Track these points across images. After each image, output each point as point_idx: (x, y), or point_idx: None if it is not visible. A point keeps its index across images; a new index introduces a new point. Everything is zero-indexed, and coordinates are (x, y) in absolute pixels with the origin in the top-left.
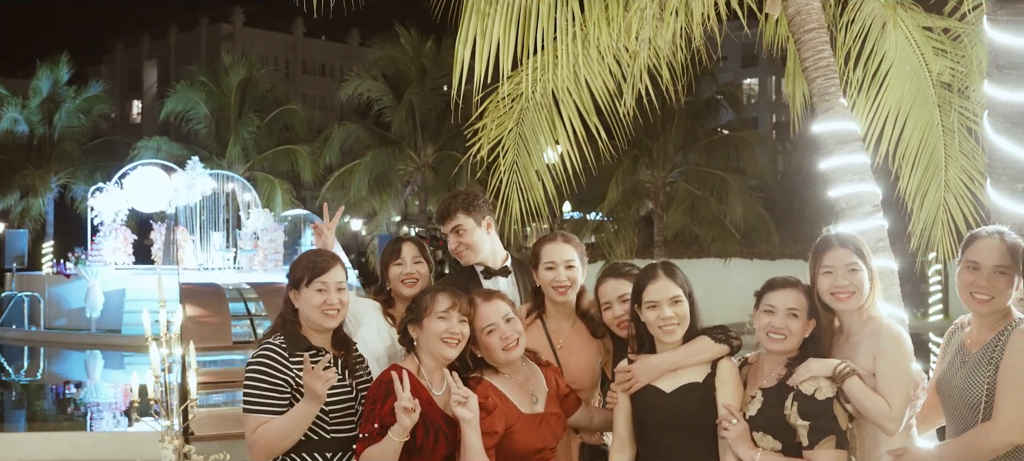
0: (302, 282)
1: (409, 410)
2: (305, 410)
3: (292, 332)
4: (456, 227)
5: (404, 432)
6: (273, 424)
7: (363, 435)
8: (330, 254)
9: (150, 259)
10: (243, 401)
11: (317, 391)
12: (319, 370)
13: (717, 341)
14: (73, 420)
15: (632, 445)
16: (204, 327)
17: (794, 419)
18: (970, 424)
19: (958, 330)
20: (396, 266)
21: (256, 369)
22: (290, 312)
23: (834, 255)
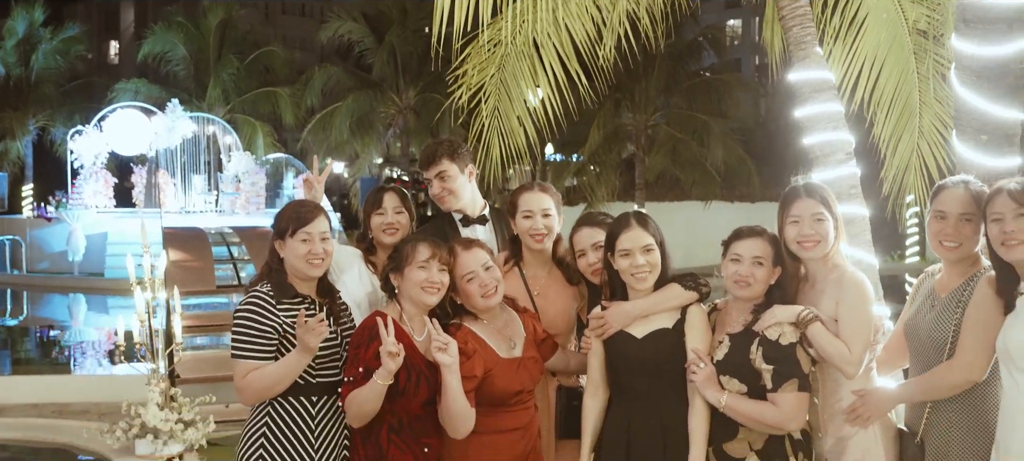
0: (287, 232)
1: (394, 354)
2: (296, 360)
3: (278, 280)
4: (440, 173)
5: (388, 375)
6: (263, 371)
7: (348, 379)
8: (314, 204)
9: (131, 202)
10: (232, 347)
11: (309, 344)
12: (313, 323)
13: (686, 288)
14: (57, 364)
15: (605, 388)
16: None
17: (759, 363)
18: (934, 364)
19: (928, 277)
20: (377, 216)
21: (244, 316)
22: (276, 261)
23: (801, 205)
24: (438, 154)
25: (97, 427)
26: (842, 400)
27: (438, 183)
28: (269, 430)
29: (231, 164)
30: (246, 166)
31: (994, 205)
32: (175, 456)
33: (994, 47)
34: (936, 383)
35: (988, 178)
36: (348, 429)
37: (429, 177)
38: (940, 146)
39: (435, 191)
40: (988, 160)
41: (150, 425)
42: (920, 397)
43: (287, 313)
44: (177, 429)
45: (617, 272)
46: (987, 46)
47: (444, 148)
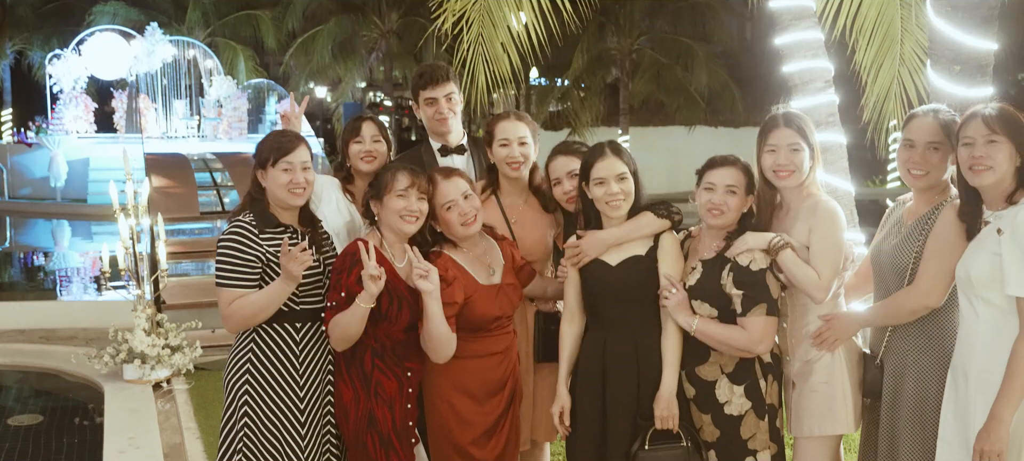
0: (268, 162)
1: (375, 278)
2: (281, 288)
3: (260, 210)
4: (449, 94)
5: (371, 299)
6: (248, 299)
7: (330, 304)
8: (294, 134)
9: (112, 128)
10: (216, 276)
11: (293, 272)
12: (296, 252)
13: (660, 217)
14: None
15: (582, 314)
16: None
17: (729, 288)
18: (896, 290)
19: (899, 205)
20: (355, 144)
21: (228, 246)
22: (257, 190)
23: (779, 134)
24: (449, 75)
25: (85, 352)
26: (809, 324)
27: (446, 104)
28: (255, 356)
29: (212, 89)
30: (228, 91)
31: (966, 129)
32: (163, 380)
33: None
34: (895, 309)
35: (961, 108)
36: (333, 354)
37: (435, 97)
38: (920, 73)
39: (440, 112)
40: (961, 90)
41: (137, 350)
42: (881, 322)
43: (270, 242)
44: (164, 354)
45: (591, 201)
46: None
47: (450, 70)
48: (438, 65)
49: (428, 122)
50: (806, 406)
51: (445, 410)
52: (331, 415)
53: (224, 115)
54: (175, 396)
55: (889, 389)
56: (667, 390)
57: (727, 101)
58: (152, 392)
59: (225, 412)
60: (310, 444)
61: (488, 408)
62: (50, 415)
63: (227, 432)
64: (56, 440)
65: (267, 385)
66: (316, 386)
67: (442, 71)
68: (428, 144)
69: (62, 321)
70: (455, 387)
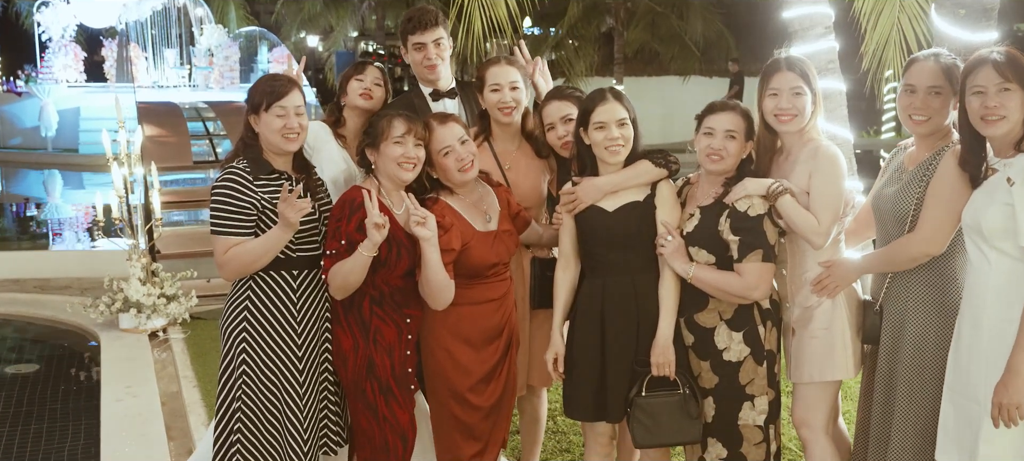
0: (261, 106)
1: (380, 226)
2: (278, 235)
3: (254, 156)
4: (438, 40)
5: (374, 247)
6: (245, 247)
7: (330, 252)
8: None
9: (103, 77)
10: (211, 223)
11: (291, 219)
12: (293, 199)
13: (657, 165)
14: (36, 239)
15: (577, 260)
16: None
17: (726, 234)
18: (897, 236)
19: (900, 151)
20: (357, 80)
21: (222, 192)
22: (250, 136)
23: (781, 78)
24: (438, 20)
25: (80, 301)
26: (808, 271)
27: (434, 50)
28: (251, 304)
29: (203, 38)
30: (219, 40)
31: (976, 77)
32: (158, 329)
33: None
34: (896, 255)
35: (965, 52)
36: (330, 302)
37: (423, 42)
38: (920, 20)
39: (424, 59)
40: (965, 34)
41: (133, 300)
42: (882, 268)
43: (264, 189)
44: (160, 303)
45: (588, 146)
46: None
47: (438, 14)
48: (426, 8)
49: (416, 67)
50: (806, 352)
51: (442, 357)
52: (329, 362)
53: (215, 64)
54: (171, 345)
55: (888, 335)
56: (663, 337)
57: (722, 51)
58: (148, 341)
59: (222, 361)
60: (308, 391)
61: (485, 355)
62: (46, 364)
63: (225, 381)
64: (52, 389)
65: (265, 333)
66: (314, 333)
67: (430, 15)
68: (419, 89)
69: (56, 271)
70: (452, 334)
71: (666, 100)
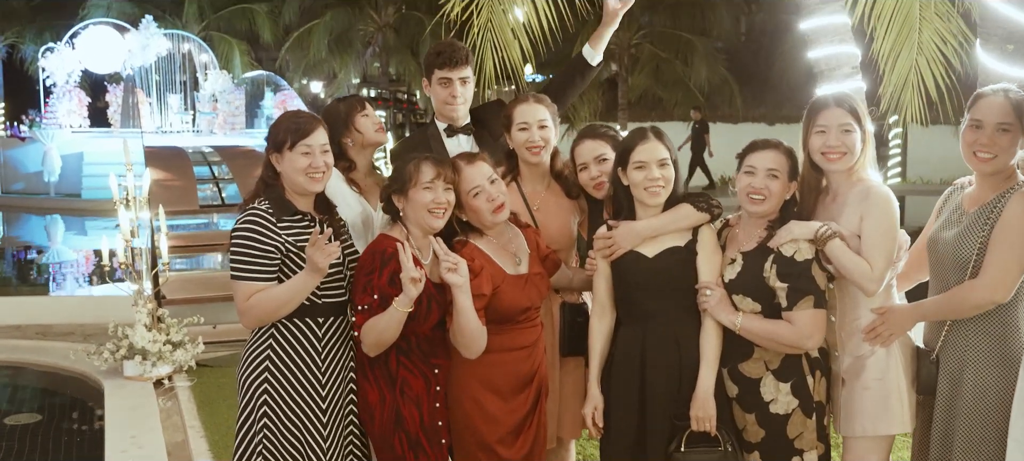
0: (285, 145)
1: (416, 280)
2: (305, 281)
3: (276, 196)
4: (465, 78)
5: (409, 302)
6: (269, 294)
7: (362, 307)
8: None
9: (106, 122)
10: (231, 268)
11: (320, 264)
12: (322, 243)
13: (699, 209)
14: (37, 285)
15: (613, 309)
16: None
17: (773, 281)
18: (956, 282)
19: (957, 190)
20: (364, 116)
21: (244, 235)
22: (271, 175)
23: (829, 114)
24: (467, 58)
25: (83, 348)
26: (860, 318)
27: (460, 87)
28: (273, 354)
29: (207, 83)
30: (223, 85)
31: None
32: (164, 377)
33: None
34: (958, 303)
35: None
36: (355, 352)
37: (450, 78)
38: (938, 62)
39: (453, 95)
40: (1014, 70)
41: (138, 346)
42: (940, 316)
43: (288, 231)
44: (165, 350)
45: (626, 187)
46: None
47: (468, 52)
48: (456, 45)
49: (437, 102)
50: (858, 404)
51: (470, 407)
52: (354, 414)
53: (219, 110)
54: (177, 393)
55: (945, 385)
56: (703, 389)
57: (726, 96)
58: (153, 389)
59: (240, 413)
60: (333, 446)
61: (515, 404)
62: (48, 413)
63: (244, 434)
64: (54, 439)
65: (288, 384)
66: (339, 385)
67: (461, 53)
68: (434, 126)
69: (59, 316)
70: (481, 383)
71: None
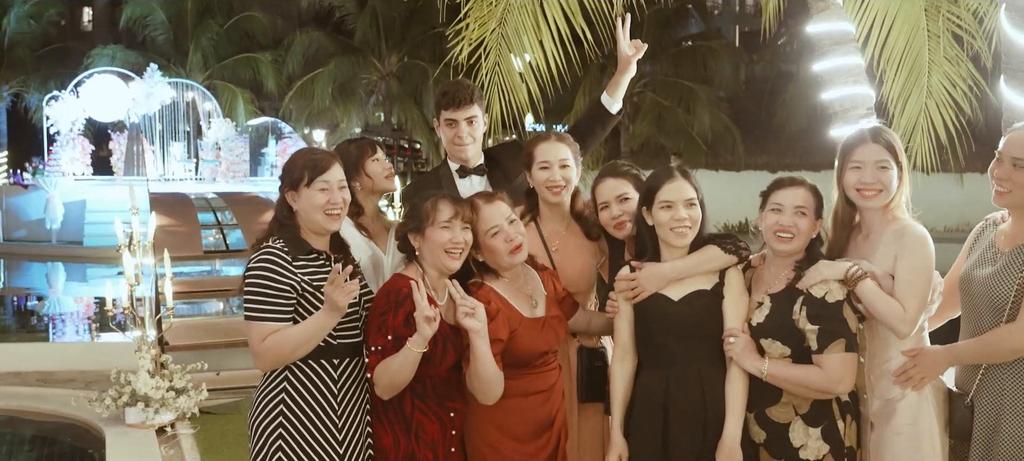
0: (302, 181)
1: (431, 319)
2: (323, 321)
3: (291, 235)
4: (472, 118)
5: (424, 342)
6: (285, 334)
7: (376, 348)
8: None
9: (108, 170)
10: (245, 309)
11: (339, 303)
12: (341, 281)
13: (726, 251)
14: (37, 332)
15: (635, 353)
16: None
17: (803, 323)
18: (991, 325)
19: (990, 226)
20: (375, 161)
21: (259, 275)
22: (286, 214)
23: (865, 150)
24: (473, 96)
25: (85, 395)
26: (891, 360)
27: (466, 127)
28: (288, 397)
29: (211, 131)
30: (226, 133)
31: None
32: (167, 424)
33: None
34: (995, 347)
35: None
36: (370, 393)
37: (456, 119)
38: (948, 106)
39: (459, 136)
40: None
41: (141, 393)
42: (976, 359)
43: (304, 270)
44: (169, 397)
45: (651, 228)
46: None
47: (475, 92)
48: (463, 84)
49: (446, 143)
50: (889, 449)
51: (488, 452)
52: (371, 459)
53: (222, 158)
54: (180, 441)
55: (982, 430)
56: (730, 438)
57: (728, 144)
58: (155, 437)
59: (253, 458)
60: None
61: (533, 450)
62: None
63: None
64: None
65: (303, 428)
66: (355, 428)
67: (466, 92)
68: (446, 166)
69: (60, 364)
70: (499, 428)
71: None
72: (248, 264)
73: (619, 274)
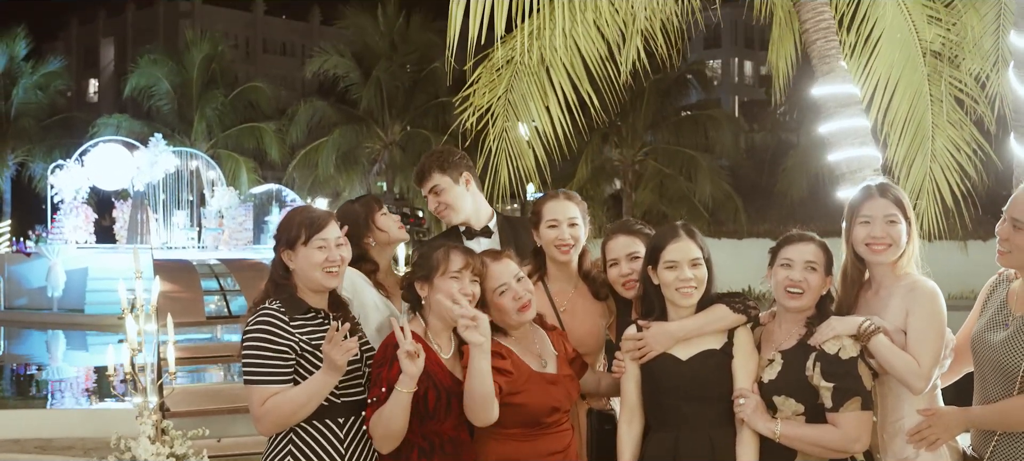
0: (299, 240)
1: (413, 354)
2: (323, 381)
3: (288, 295)
4: (433, 187)
5: (411, 381)
6: (285, 396)
7: (371, 400)
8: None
9: (111, 238)
10: (244, 373)
11: (338, 361)
12: (339, 339)
13: (735, 310)
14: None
15: (642, 414)
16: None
17: (817, 380)
18: (1004, 391)
19: (1002, 283)
20: (384, 215)
21: (257, 337)
22: (282, 274)
23: (874, 205)
24: (428, 168)
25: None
26: (904, 418)
27: (433, 199)
28: (294, 459)
29: (214, 200)
30: (229, 201)
31: None
32: None
33: None
34: (1009, 416)
35: None
36: (378, 453)
37: (425, 195)
38: (953, 170)
39: (432, 207)
40: None
41: (141, 459)
42: (992, 426)
43: (302, 329)
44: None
45: (656, 287)
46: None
47: (433, 160)
48: (423, 161)
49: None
50: None
51: None
52: None
53: (225, 226)
54: None
55: None
56: None
57: (730, 211)
58: None
59: None
60: None
61: None
62: None
63: None
64: None
65: None
66: None
67: (423, 167)
68: (455, 229)
69: (59, 430)
70: None
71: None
72: (245, 327)
73: (626, 333)
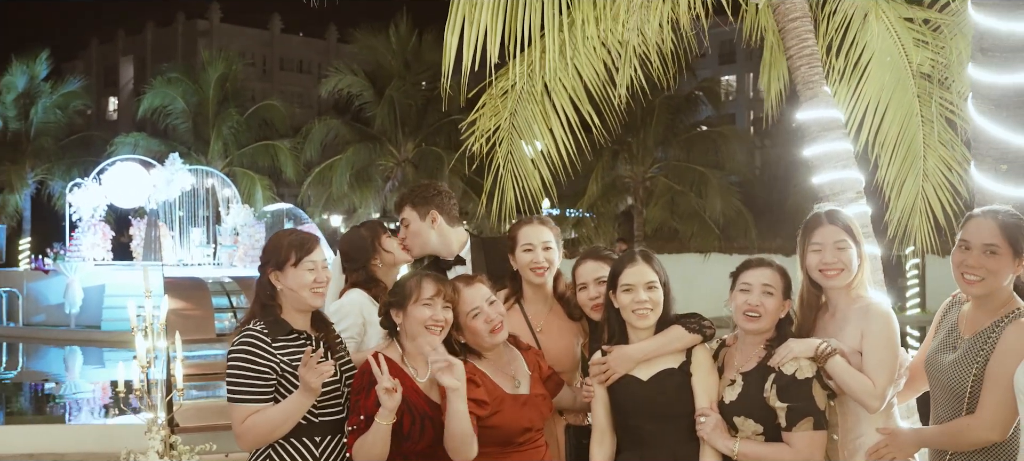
0: (289, 261)
1: (391, 390)
2: (299, 402)
3: (273, 317)
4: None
5: (389, 414)
6: (264, 415)
7: (351, 428)
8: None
9: (129, 255)
10: (228, 391)
11: (313, 384)
12: (313, 363)
13: (690, 330)
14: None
15: (612, 434)
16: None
17: (773, 401)
18: (954, 412)
19: (954, 306)
20: (390, 237)
21: (239, 357)
22: (268, 295)
23: (823, 232)
24: (401, 200)
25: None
26: (862, 436)
27: (402, 228)
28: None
29: (230, 217)
30: (244, 219)
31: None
32: None
33: (1012, 75)
34: (956, 437)
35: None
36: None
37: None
38: (945, 190)
39: (400, 236)
40: (1008, 190)
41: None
42: (943, 446)
43: (283, 350)
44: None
45: (617, 311)
46: (1005, 74)
47: (408, 194)
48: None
49: None
50: None
51: None
52: None
53: (240, 243)
54: None
55: None
56: None
57: (741, 227)
58: None
59: None
60: None
61: None
62: None
63: None
64: None
65: None
66: None
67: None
68: (437, 259)
69: (72, 445)
70: None
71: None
72: (230, 347)
73: (592, 358)
